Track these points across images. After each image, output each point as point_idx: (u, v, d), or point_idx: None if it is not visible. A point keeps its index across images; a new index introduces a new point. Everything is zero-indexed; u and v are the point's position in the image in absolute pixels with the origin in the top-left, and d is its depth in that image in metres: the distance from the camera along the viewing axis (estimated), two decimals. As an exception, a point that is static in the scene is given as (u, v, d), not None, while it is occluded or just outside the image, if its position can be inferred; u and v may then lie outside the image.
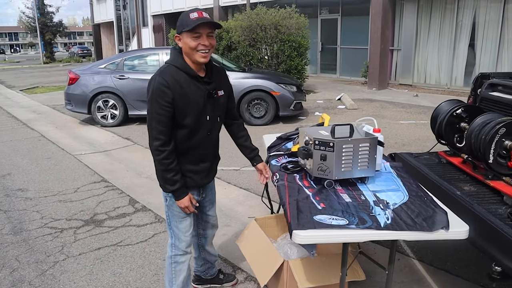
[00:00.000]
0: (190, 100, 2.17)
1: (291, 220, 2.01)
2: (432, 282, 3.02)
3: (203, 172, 2.41)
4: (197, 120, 2.23)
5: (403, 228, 1.97)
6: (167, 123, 2.15)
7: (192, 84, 2.18)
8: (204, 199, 2.60)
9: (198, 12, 2.12)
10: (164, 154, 2.18)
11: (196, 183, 2.41)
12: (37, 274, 3.21)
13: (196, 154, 2.33)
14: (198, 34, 2.10)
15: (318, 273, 2.49)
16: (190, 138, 2.27)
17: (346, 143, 2.30)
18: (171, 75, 2.13)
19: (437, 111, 2.99)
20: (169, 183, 2.25)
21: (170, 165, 2.21)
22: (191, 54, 2.14)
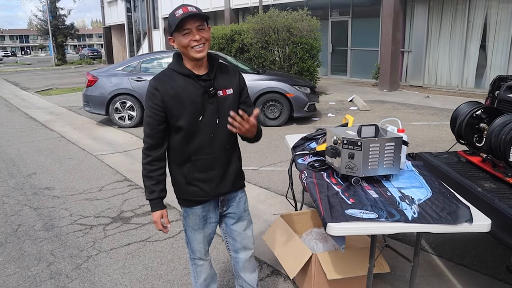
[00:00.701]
0: (183, 100, 2.02)
1: (324, 214, 2.15)
2: (451, 276, 3.14)
3: (213, 180, 2.17)
4: (193, 121, 2.05)
5: (429, 221, 2.11)
6: (155, 127, 2.05)
7: (187, 83, 2.04)
8: (227, 211, 2.34)
9: (183, 8, 1.96)
10: (148, 159, 2.09)
11: (206, 193, 2.18)
12: (73, 267, 3.37)
13: (200, 160, 2.12)
14: (187, 30, 1.96)
15: (345, 265, 2.63)
16: (189, 142, 2.09)
17: (373, 142, 2.43)
18: (164, 77, 2.06)
19: (457, 112, 3.12)
20: (147, 190, 2.13)
21: (151, 172, 2.10)
22: (187, 52, 2.01)
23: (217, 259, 3.45)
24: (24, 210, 4.55)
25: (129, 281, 3.15)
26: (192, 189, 2.17)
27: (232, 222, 2.37)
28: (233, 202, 2.34)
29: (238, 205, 2.36)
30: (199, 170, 2.14)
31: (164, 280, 3.16)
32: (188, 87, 2.04)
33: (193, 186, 2.16)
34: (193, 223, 2.25)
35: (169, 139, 2.13)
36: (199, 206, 2.22)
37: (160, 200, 2.15)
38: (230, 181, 2.25)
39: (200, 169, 2.14)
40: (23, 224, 4.20)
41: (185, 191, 2.18)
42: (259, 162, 5.88)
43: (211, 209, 2.27)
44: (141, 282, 3.14)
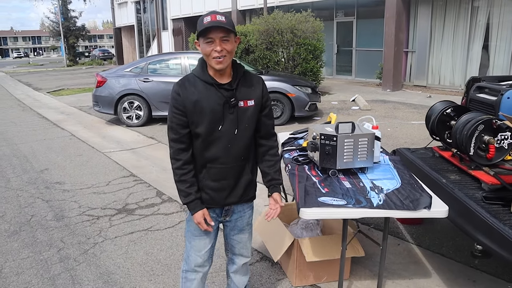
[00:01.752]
0: (203, 107, 2.03)
1: (299, 200, 2.43)
2: (427, 263, 3.40)
3: (224, 190, 2.18)
4: (211, 129, 2.06)
5: (392, 207, 2.38)
6: (179, 131, 2.07)
7: (209, 91, 2.05)
8: (228, 222, 2.36)
9: (212, 15, 1.96)
10: (178, 163, 2.10)
11: (215, 202, 2.21)
12: (80, 252, 3.69)
13: (215, 168, 2.13)
14: (211, 40, 1.96)
15: (323, 249, 2.91)
16: (206, 149, 2.10)
17: (347, 137, 2.71)
18: (187, 83, 2.07)
19: (431, 110, 3.38)
20: (183, 194, 2.14)
21: (183, 175, 2.11)
22: (208, 61, 2.02)
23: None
24: (37, 202, 4.89)
25: (131, 265, 3.46)
26: (202, 195, 2.17)
27: (233, 233, 2.39)
28: (237, 215, 2.34)
29: (241, 219, 2.37)
30: (212, 178, 2.15)
31: (162, 264, 3.46)
32: (210, 95, 2.04)
33: (204, 193, 2.17)
34: (194, 227, 2.24)
35: (193, 144, 2.14)
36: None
37: (198, 201, 2.15)
38: (240, 192, 2.24)
39: (213, 177, 2.15)
40: (36, 214, 4.53)
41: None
42: (259, 159, 6.15)
43: (214, 216, 2.26)
44: (141, 265, 3.45)
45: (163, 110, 8.85)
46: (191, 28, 22.66)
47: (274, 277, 3.20)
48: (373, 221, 4.08)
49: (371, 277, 3.17)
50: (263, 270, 3.31)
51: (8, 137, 8.41)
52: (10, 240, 3.96)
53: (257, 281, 3.16)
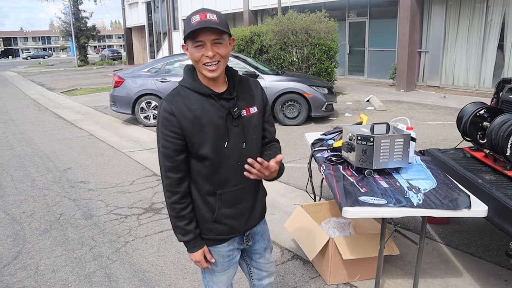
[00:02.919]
0: (203, 124, 1.71)
1: (340, 199, 2.47)
2: (457, 262, 3.42)
3: (243, 215, 1.90)
4: (218, 148, 1.74)
5: (432, 207, 2.41)
6: (175, 158, 1.74)
7: (206, 104, 1.73)
8: (252, 247, 2.08)
9: (201, 14, 1.64)
10: (175, 197, 1.78)
11: (236, 231, 1.91)
12: (113, 251, 3.75)
13: (228, 193, 1.83)
14: (200, 43, 1.65)
15: (359, 248, 2.95)
16: (215, 173, 1.79)
17: (384, 138, 2.74)
18: (178, 98, 1.72)
19: (463, 112, 3.41)
20: (180, 232, 1.83)
21: (182, 211, 1.80)
22: (198, 67, 1.71)
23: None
24: (64, 201, 4.97)
25: (164, 263, 3.51)
26: (219, 227, 1.87)
27: (258, 257, 2.13)
28: (259, 236, 2.08)
29: (263, 237, 2.11)
30: (227, 205, 1.85)
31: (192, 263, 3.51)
32: (208, 109, 1.73)
33: (221, 225, 1.87)
34: (216, 263, 1.94)
35: (191, 169, 1.81)
36: (224, 243, 1.92)
37: (198, 238, 1.85)
38: (259, 211, 2.00)
39: (228, 204, 1.85)
40: (64, 213, 4.61)
41: (211, 230, 1.88)
42: (279, 159, 6.19)
43: (235, 245, 1.97)
44: (174, 264, 3.50)
45: (180, 110, 8.91)
46: (202, 28, 22.71)
47: (307, 276, 3.24)
48: (399, 220, 4.10)
49: (403, 276, 3.21)
50: (296, 268, 3.35)
51: (28, 137, 8.52)
52: (42, 238, 4.04)
53: (291, 279, 3.20)
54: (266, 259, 2.16)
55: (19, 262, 3.61)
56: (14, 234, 4.15)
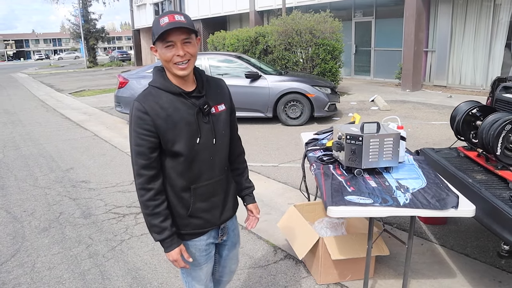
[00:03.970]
0: (176, 121, 1.78)
1: (326, 199, 2.47)
2: (451, 263, 3.40)
3: (217, 208, 1.97)
4: (191, 144, 1.81)
5: (419, 206, 2.40)
6: (149, 155, 1.77)
7: (177, 102, 1.80)
8: (225, 242, 2.15)
9: (169, 15, 1.72)
10: (149, 194, 1.79)
11: (211, 224, 1.97)
12: (108, 249, 3.79)
13: (201, 187, 1.89)
14: (171, 43, 1.72)
15: (348, 248, 2.94)
16: (189, 168, 1.85)
17: (373, 137, 2.74)
18: (150, 98, 1.78)
19: (456, 111, 3.39)
20: (156, 230, 1.82)
21: (156, 207, 1.80)
22: (168, 67, 1.78)
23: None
24: (64, 200, 5.02)
25: (158, 262, 3.54)
26: (195, 222, 1.92)
27: (227, 252, 2.20)
28: (231, 231, 2.16)
29: (234, 233, 2.19)
30: (201, 199, 1.91)
31: (189, 261, 3.54)
32: (180, 107, 1.80)
33: (197, 219, 1.92)
34: (194, 258, 1.97)
35: (164, 167, 1.85)
36: (201, 237, 1.97)
37: (175, 236, 1.86)
38: (232, 204, 2.07)
39: (202, 198, 1.91)
40: (64, 212, 4.66)
41: (188, 225, 1.92)
42: (280, 159, 6.22)
43: (211, 239, 2.03)
44: (167, 262, 3.52)
45: (184, 110, 8.97)
46: (209, 29, 22.81)
47: (299, 275, 3.25)
48: (395, 221, 4.09)
49: (395, 276, 3.19)
50: (287, 268, 3.36)
51: (34, 137, 8.62)
52: (41, 236, 4.09)
53: (282, 278, 3.21)
54: (233, 255, 2.24)
55: (17, 259, 3.66)
56: (14, 232, 4.21)
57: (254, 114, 8.86)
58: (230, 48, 12.81)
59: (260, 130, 8.38)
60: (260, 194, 4.93)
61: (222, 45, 13.92)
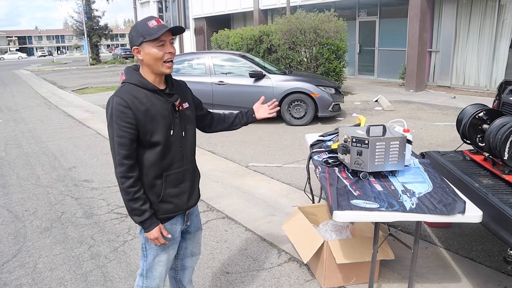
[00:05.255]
0: (153, 115, 1.98)
1: (332, 203, 2.44)
2: (456, 267, 3.36)
3: (184, 193, 2.18)
4: (167, 135, 2.04)
5: (425, 211, 2.37)
6: (130, 146, 1.95)
7: (153, 98, 2.00)
8: (189, 227, 2.35)
9: (156, 19, 1.97)
10: (129, 181, 1.97)
11: (179, 208, 2.17)
12: (111, 250, 3.77)
13: (172, 174, 2.11)
14: (163, 42, 1.96)
15: (353, 252, 2.91)
16: (164, 157, 2.06)
17: (379, 140, 2.71)
18: (129, 93, 1.96)
19: (462, 114, 3.35)
20: (137, 213, 2.01)
21: (137, 193, 1.99)
22: (156, 66, 1.97)
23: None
24: (66, 199, 5.01)
25: (161, 263, 3.52)
26: (165, 206, 2.12)
27: (190, 236, 2.38)
28: (193, 216, 2.36)
29: (197, 218, 2.40)
30: (172, 185, 2.12)
31: (191, 263, 3.51)
32: (156, 102, 2.01)
33: (167, 203, 2.12)
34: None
35: (140, 157, 2.03)
36: (168, 222, 2.16)
37: (153, 217, 2.05)
38: (197, 192, 2.30)
39: (173, 184, 2.12)
40: (66, 212, 4.64)
41: (158, 210, 2.10)
42: (283, 159, 6.19)
43: (178, 225, 2.22)
44: (171, 264, 3.50)
45: (187, 109, 8.94)
46: (213, 27, 22.77)
47: (303, 278, 3.22)
48: (399, 223, 4.06)
49: (400, 280, 3.16)
50: (291, 271, 3.33)
51: (36, 135, 8.61)
52: (42, 236, 4.07)
53: (286, 282, 3.18)
54: (196, 239, 2.44)
55: (18, 260, 3.65)
56: (16, 232, 4.20)
57: (257, 114, 8.80)
58: (234, 46, 12.77)
59: (263, 130, 8.35)
60: (264, 195, 4.90)
61: (226, 43, 13.88)
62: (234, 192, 5.05)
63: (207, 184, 5.31)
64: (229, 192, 5.06)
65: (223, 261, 3.52)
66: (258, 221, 4.23)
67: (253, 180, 5.45)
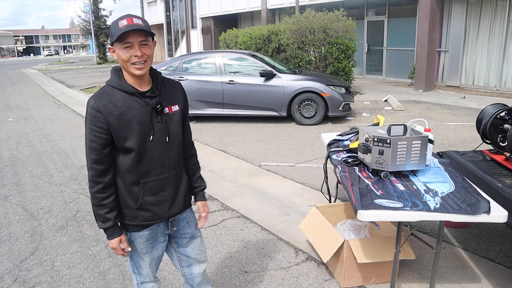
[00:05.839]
0: (128, 120, 1.89)
1: (355, 202, 2.44)
2: (475, 267, 3.34)
3: (166, 202, 2.09)
4: (142, 141, 1.94)
5: (450, 211, 2.36)
6: (100, 151, 1.89)
7: (131, 101, 1.92)
8: (177, 232, 2.25)
9: (128, 19, 1.85)
10: (98, 186, 1.93)
11: (159, 217, 2.09)
12: (127, 248, 3.78)
13: (151, 182, 2.02)
14: (129, 44, 1.85)
15: (374, 251, 2.90)
16: (139, 163, 1.97)
17: (401, 140, 2.70)
18: (105, 97, 1.90)
19: (483, 113, 3.33)
20: (101, 219, 1.97)
21: (104, 200, 1.94)
22: (126, 67, 1.89)
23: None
24: (80, 198, 5.02)
25: (178, 262, 3.52)
26: (143, 214, 2.05)
27: (185, 242, 2.29)
28: (183, 222, 2.24)
29: (189, 225, 2.27)
30: (150, 192, 2.03)
31: (209, 262, 3.51)
32: (133, 106, 1.91)
33: (145, 211, 2.05)
34: (141, 247, 2.13)
35: (116, 162, 1.98)
36: (147, 229, 2.10)
37: (117, 227, 2.02)
38: (182, 200, 2.17)
39: (151, 192, 2.04)
40: (81, 210, 4.66)
41: (136, 217, 2.05)
42: (295, 159, 6.18)
43: (160, 230, 2.16)
44: (188, 263, 3.51)
45: (197, 108, 8.96)
46: (220, 26, 22.79)
47: (321, 278, 3.21)
48: (417, 223, 4.04)
49: (419, 280, 3.15)
50: (310, 270, 3.32)
51: (47, 134, 8.65)
52: (58, 235, 4.09)
53: (305, 281, 3.18)
54: (194, 245, 2.32)
55: (36, 257, 3.66)
56: (32, 230, 4.22)
57: (268, 113, 8.82)
58: (242, 46, 12.77)
59: (274, 129, 8.35)
60: (278, 195, 4.90)
61: (234, 43, 13.88)
62: (248, 191, 5.04)
63: (220, 183, 5.31)
64: (242, 191, 5.06)
65: (240, 260, 3.52)
66: (273, 220, 4.22)
67: (266, 179, 5.44)
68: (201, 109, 9.00)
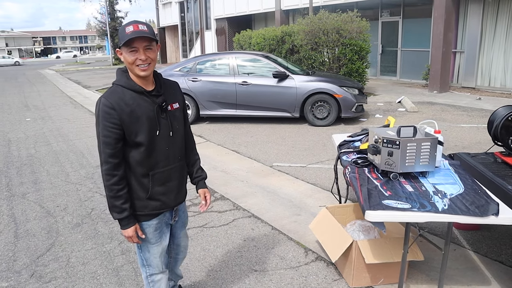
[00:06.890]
0: (138, 116, 2.08)
1: (363, 203, 2.47)
2: (485, 270, 3.34)
3: (172, 191, 2.30)
4: (151, 136, 2.13)
5: (458, 213, 2.38)
6: (115, 145, 2.06)
7: (139, 99, 2.10)
8: (177, 222, 2.52)
9: (134, 25, 2.03)
10: (114, 179, 2.09)
11: (167, 206, 2.31)
12: (140, 246, 3.85)
13: (158, 173, 2.22)
14: (135, 48, 2.04)
15: (382, 252, 2.92)
16: (149, 156, 2.16)
17: (410, 141, 2.71)
18: (116, 95, 2.07)
19: (494, 115, 3.33)
20: (117, 210, 2.13)
21: (120, 191, 2.11)
22: (131, 69, 2.08)
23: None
24: (95, 196, 5.13)
25: (189, 260, 3.58)
26: (153, 203, 2.24)
27: (178, 232, 2.57)
28: (181, 212, 2.51)
29: (184, 213, 2.56)
30: (159, 183, 2.23)
31: (220, 260, 3.57)
32: (142, 104, 2.10)
33: (154, 201, 2.24)
34: (150, 236, 2.30)
35: (127, 156, 2.15)
36: (155, 218, 2.29)
37: (131, 216, 2.18)
38: (185, 190, 2.43)
39: (160, 182, 2.23)
40: (95, 208, 4.76)
41: (146, 206, 2.24)
42: (307, 160, 6.21)
43: (165, 220, 2.36)
44: (199, 261, 3.57)
45: (211, 109, 9.05)
46: (234, 28, 22.88)
47: (330, 277, 3.24)
48: (426, 225, 4.04)
49: (428, 282, 3.16)
50: (319, 270, 3.35)
51: (64, 133, 8.82)
52: (74, 232, 4.18)
53: (313, 280, 3.21)
54: (184, 233, 2.63)
55: (52, 254, 3.76)
56: (48, 227, 4.32)
57: (281, 114, 8.85)
58: (256, 47, 12.82)
59: (286, 130, 8.38)
60: (289, 195, 4.93)
61: (248, 44, 13.94)
62: (259, 192, 5.09)
63: (232, 183, 5.37)
64: (254, 191, 5.11)
65: (250, 259, 3.57)
66: (284, 220, 4.26)
67: (278, 180, 5.48)
68: (214, 110, 9.08)
